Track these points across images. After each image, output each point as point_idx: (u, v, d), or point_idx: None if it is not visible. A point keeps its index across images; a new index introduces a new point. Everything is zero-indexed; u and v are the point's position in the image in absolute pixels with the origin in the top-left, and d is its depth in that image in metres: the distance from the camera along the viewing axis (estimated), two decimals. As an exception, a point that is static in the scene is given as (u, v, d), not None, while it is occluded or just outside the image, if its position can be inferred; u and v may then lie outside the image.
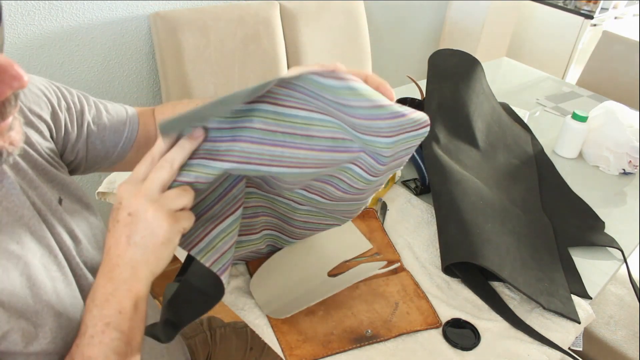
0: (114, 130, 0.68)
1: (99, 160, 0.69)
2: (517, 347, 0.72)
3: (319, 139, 0.55)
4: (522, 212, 0.98)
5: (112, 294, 0.48)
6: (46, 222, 0.53)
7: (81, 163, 0.67)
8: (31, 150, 0.56)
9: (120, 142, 0.69)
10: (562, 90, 1.73)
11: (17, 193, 0.50)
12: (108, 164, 0.70)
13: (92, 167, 0.69)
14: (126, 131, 0.70)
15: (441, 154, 0.98)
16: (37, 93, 0.60)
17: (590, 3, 2.63)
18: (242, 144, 0.52)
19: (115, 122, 0.69)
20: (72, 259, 0.55)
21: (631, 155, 1.19)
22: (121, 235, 0.48)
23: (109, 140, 0.68)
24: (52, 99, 0.61)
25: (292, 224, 0.74)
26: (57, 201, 0.56)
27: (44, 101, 0.60)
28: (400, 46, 2.44)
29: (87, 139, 0.65)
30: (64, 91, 0.64)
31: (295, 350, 0.68)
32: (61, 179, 0.59)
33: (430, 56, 1.17)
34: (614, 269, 0.92)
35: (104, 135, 0.67)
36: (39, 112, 0.59)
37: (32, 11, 1.29)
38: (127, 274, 0.48)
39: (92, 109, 0.67)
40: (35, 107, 0.59)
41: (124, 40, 1.51)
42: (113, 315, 0.48)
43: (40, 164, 0.57)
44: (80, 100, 0.66)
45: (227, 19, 1.60)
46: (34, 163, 0.56)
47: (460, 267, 0.83)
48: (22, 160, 0.54)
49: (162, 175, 0.49)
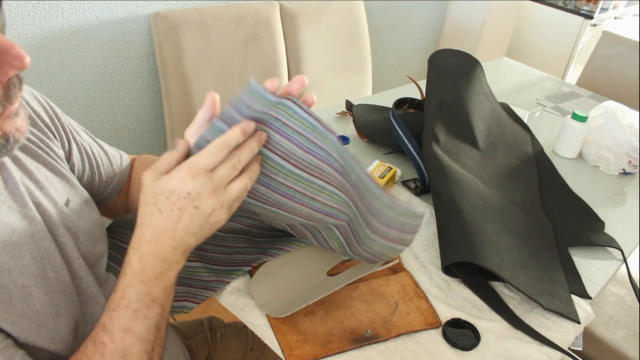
0: (108, 171, 0.70)
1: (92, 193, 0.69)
2: (517, 347, 0.72)
3: (321, 204, 0.63)
4: (522, 212, 0.98)
5: (163, 273, 0.51)
6: (48, 224, 0.53)
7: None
8: (39, 150, 0.56)
9: (111, 185, 0.71)
10: (562, 90, 1.73)
11: (21, 194, 0.51)
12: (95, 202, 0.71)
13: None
14: (118, 176, 0.72)
15: (441, 154, 0.98)
16: (44, 105, 0.61)
17: (590, 3, 2.63)
18: (261, 187, 0.60)
19: (110, 163, 0.71)
20: (75, 260, 0.55)
21: (631, 155, 1.19)
22: (179, 223, 0.49)
23: (102, 180, 0.69)
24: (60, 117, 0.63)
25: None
26: (63, 202, 0.56)
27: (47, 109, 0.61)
28: (400, 46, 2.44)
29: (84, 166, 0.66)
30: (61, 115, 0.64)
31: (295, 350, 0.68)
32: (70, 178, 0.60)
33: (430, 56, 1.17)
34: (614, 269, 0.92)
35: (99, 172, 0.69)
36: (45, 118, 0.59)
37: (32, 11, 1.29)
38: (178, 257, 0.51)
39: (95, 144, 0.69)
40: (41, 112, 0.59)
41: (124, 40, 1.51)
42: (160, 292, 0.51)
43: (49, 162, 0.57)
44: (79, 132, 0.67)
45: (227, 19, 1.60)
46: (43, 162, 0.56)
47: (460, 267, 0.83)
48: (30, 160, 0.55)
49: (232, 175, 0.51)
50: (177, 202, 0.48)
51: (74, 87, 1.47)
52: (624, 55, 1.89)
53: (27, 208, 0.51)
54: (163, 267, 0.50)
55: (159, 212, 0.49)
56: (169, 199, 0.49)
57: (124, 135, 1.63)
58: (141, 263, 0.50)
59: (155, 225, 0.49)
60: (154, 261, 0.50)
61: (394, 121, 1.07)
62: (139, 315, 0.50)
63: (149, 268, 0.50)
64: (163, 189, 0.49)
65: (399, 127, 1.06)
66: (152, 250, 0.50)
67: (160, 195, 0.49)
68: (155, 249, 0.50)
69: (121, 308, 0.50)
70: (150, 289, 0.50)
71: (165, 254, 0.50)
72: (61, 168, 0.59)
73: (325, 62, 1.93)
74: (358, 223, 0.64)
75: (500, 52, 2.67)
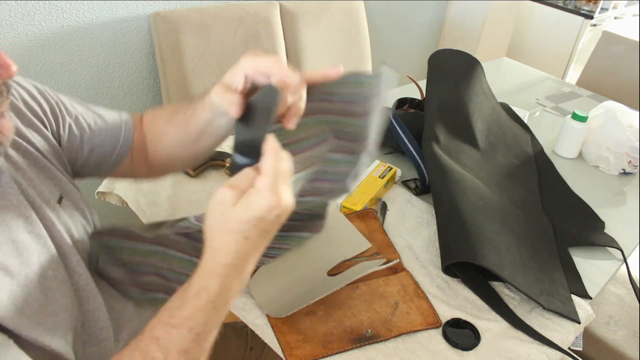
0: (110, 134, 0.69)
1: (98, 163, 0.69)
2: (517, 347, 0.72)
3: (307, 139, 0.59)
4: (522, 212, 0.98)
5: (235, 296, 0.51)
6: (43, 220, 0.53)
7: (81, 166, 0.67)
8: (31, 147, 0.56)
9: (118, 146, 0.70)
10: (562, 90, 1.73)
11: (15, 192, 0.50)
12: (106, 168, 0.70)
13: (91, 172, 0.70)
14: (122, 136, 0.70)
15: (441, 154, 0.98)
16: (34, 93, 0.60)
17: (590, 3, 2.63)
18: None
19: (110, 126, 0.69)
20: (72, 257, 0.55)
21: (631, 155, 1.19)
22: (261, 246, 0.50)
23: (107, 144, 0.68)
24: (50, 100, 0.62)
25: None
26: (56, 200, 0.56)
27: (40, 101, 0.60)
28: (400, 46, 2.44)
29: (82, 139, 0.65)
30: (53, 95, 0.64)
31: (295, 350, 0.68)
32: (61, 178, 0.59)
33: (430, 56, 1.17)
34: (614, 269, 0.92)
35: (101, 138, 0.67)
36: (37, 111, 0.59)
37: (32, 11, 1.29)
38: (250, 268, 0.51)
39: (89, 112, 0.67)
40: (35, 106, 0.59)
41: (124, 40, 1.51)
42: (224, 316, 0.51)
43: (40, 161, 0.57)
44: (73, 105, 0.66)
45: (227, 19, 1.60)
46: (34, 160, 0.56)
47: (460, 267, 0.83)
48: (22, 158, 0.55)
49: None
50: (265, 227, 0.48)
51: (74, 87, 1.47)
52: (624, 55, 1.89)
53: (22, 206, 0.51)
54: (239, 290, 0.50)
55: (244, 239, 0.48)
56: (256, 226, 0.47)
57: (124, 135, 1.64)
58: (221, 289, 0.49)
59: (240, 252, 0.48)
60: (236, 286, 0.50)
61: (394, 121, 1.07)
62: (200, 339, 0.48)
63: (228, 293, 0.49)
64: (249, 217, 0.47)
65: (399, 127, 1.06)
66: (236, 276, 0.49)
67: (246, 224, 0.47)
68: (239, 273, 0.49)
69: (184, 328, 0.48)
70: (220, 313, 0.50)
71: (246, 276, 0.50)
72: (52, 167, 0.59)
73: (325, 62, 1.93)
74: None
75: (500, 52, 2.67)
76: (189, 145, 0.68)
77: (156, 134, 0.72)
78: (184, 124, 0.66)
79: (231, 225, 0.47)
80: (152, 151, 0.73)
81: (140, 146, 0.73)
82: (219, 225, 0.48)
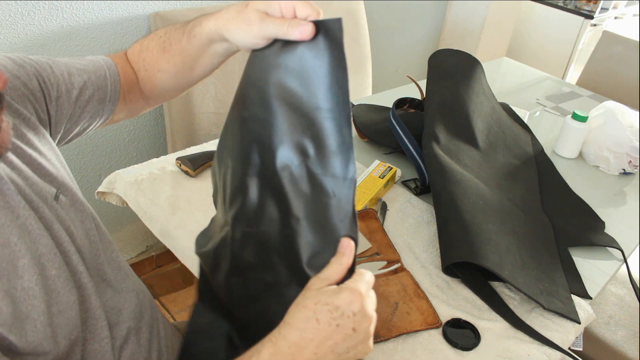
0: (97, 86, 0.68)
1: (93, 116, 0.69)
2: (517, 347, 0.72)
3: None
4: (522, 212, 0.98)
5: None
6: (43, 220, 0.53)
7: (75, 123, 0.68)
8: (25, 146, 0.56)
9: (107, 93, 0.70)
10: (562, 90, 1.73)
11: (12, 193, 0.50)
12: (102, 120, 0.70)
13: (89, 126, 0.70)
14: (109, 82, 0.70)
15: (441, 154, 0.98)
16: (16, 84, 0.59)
17: (590, 3, 2.63)
18: None
19: (96, 77, 0.69)
20: (73, 255, 0.55)
21: (631, 155, 1.19)
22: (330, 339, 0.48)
23: (96, 95, 0.68)
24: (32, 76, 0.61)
25: None
26: (53, 197, 0.56)
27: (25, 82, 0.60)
28: (400, 46, 2.44)
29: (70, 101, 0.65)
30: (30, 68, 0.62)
31: (295, 350, 0.67)
32: (56, 175, 0.59)
33: (430, 56, 1.17)
34: (614, 269, 0.92)
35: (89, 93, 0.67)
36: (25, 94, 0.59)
37: (32, 11, 1.29)
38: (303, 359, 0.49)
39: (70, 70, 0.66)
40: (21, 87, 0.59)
41: (124, 40, 1.51)
42: None
43: (34, 159, 0.57)
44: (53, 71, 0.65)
45: (227, 19, 1.60)
46: (28, 159, 0.56)
47: (460, 267, 0.83)
48: (16, 158, 0.54)
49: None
50: (338, 319, 0.47)
51: (74, 87, 1.47)
52: (624, 55, 1.89)
53: (19, 206, 0.50)
54: None
55: (315, 320, 0.48)
56: (330, 313, 0.47)
57: (124, 135, 1.63)
58: (269, 356, 0.48)
59: (305, 332, 0.48)
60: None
61: (394, 121, 1.07)
62: None
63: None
64: (328, 300, 0.48)
65: (399, 127, 1.06)
66: (289, 353, 0.48)
67: (323, 305, 0.47)
68: (293, 352, 0.48)
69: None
70: None
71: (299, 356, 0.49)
72: (46, 162, 0.58)
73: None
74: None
75: (501, 52, 2.67)
76: (185, 73, 0.69)
77: (149, 68, 0.72)
78: (181, 52, 0.66)
79: (308, 302, 0.49)
80: (147, 87, 0.74)
81: (130, 84, 0.73)
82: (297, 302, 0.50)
